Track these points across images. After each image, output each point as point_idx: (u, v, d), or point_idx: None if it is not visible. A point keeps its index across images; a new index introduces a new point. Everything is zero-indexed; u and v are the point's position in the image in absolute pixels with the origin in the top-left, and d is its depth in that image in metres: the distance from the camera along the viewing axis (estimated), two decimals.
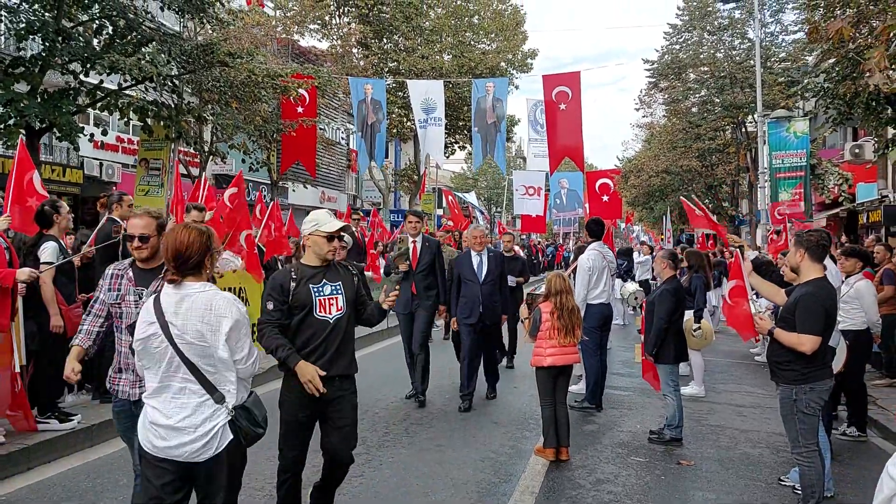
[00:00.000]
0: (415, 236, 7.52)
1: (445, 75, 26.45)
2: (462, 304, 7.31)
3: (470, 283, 7.28)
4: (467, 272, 7.34)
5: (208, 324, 2.83)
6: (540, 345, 5.71)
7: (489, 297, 7.30)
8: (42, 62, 13.96)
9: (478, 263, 7.35)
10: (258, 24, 22.04)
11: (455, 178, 52.26)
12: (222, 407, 2.86)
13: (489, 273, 7.32)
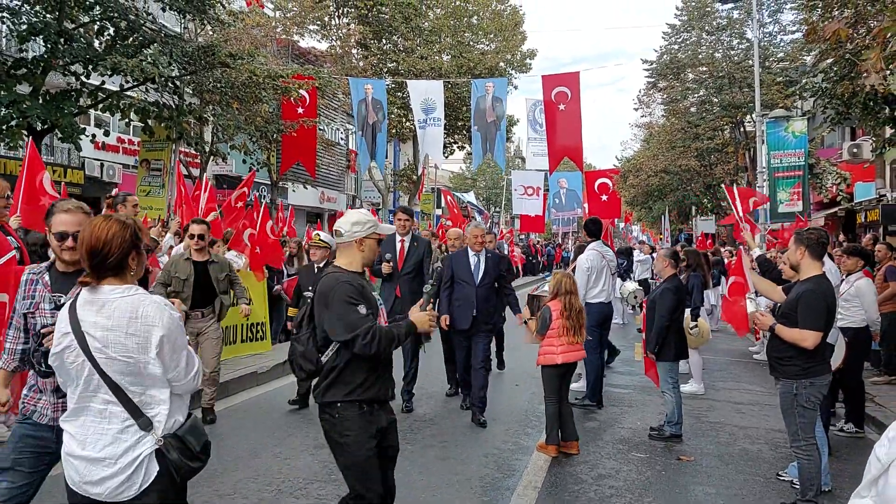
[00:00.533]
0: (403, 235, 7.11)
1: (445, 75, 26.53)
2: (455, 307, 6.75)
3: (464, 284, 6.74)
4: (463, 273, 6.79)
5: (135, 335, 2.36)
6: (550, 343, 5.76)
7: (485, 302, 6.74)
8: (44, 64, 14.03)
9: (475, 264, 6.82)
10: (258, 25, 22.10)
11: (454, 178, 52.35)
12: (149, 434, 2.39)
13: (486, 275, 6.75)
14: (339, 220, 3.50)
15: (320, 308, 3.29)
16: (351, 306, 3.21)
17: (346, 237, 3.38)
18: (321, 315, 3.29)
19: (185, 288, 6.23)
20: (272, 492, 4.75)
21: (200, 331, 6.37)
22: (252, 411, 7.00)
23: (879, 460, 2.33)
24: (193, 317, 6.30)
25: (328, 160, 31.34)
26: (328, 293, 3.26)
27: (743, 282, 5.97)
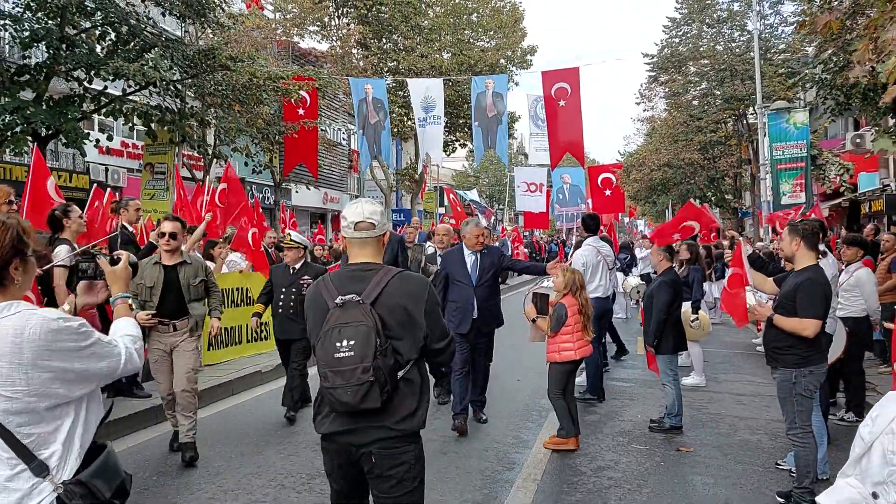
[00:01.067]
0: None
1: (445, 73, 26.57)
2: (451, 309, 6.23)
3: (461, 285, 6.26)
4: (458, 273, 6.31)
5: (20, 364, 1.86)
6: (566, 340, 5.76)
7: (485, 302, 6.32)
8: (47, 70, 14.15)
9: (472, 263, 6.35)
10: (258, 28, 22.19)
11: (456, 175, 52.40)
12: (44, 481, 1.91)
13: (484, 273, 6.31)
14: (354, 209, 2.82)
15: (413, 309, 2.68)
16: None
17: (379, 229, 2.81)
18: (415, 320, 2.68)
19: (151, 297, 5.28)
20: (275, 487, 4.83)
21: (173, 346, 5.38)
22: (256, 409, 7.08)
23: (863, 439, 2.39)
24: (162, 330, 5.34)
25: (330, 161, 31.43)
26: (422, 293, 2.71)
27: (742, 273, 6.00)
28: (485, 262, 6.36)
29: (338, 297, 2.62)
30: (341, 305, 2.60)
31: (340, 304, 2.60)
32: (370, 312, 2.57)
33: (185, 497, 4.65)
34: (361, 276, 2.73)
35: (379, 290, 2.64)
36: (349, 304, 2.60)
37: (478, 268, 6.36)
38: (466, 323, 6.23)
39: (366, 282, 2.68)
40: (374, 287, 2.65)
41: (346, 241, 2.87)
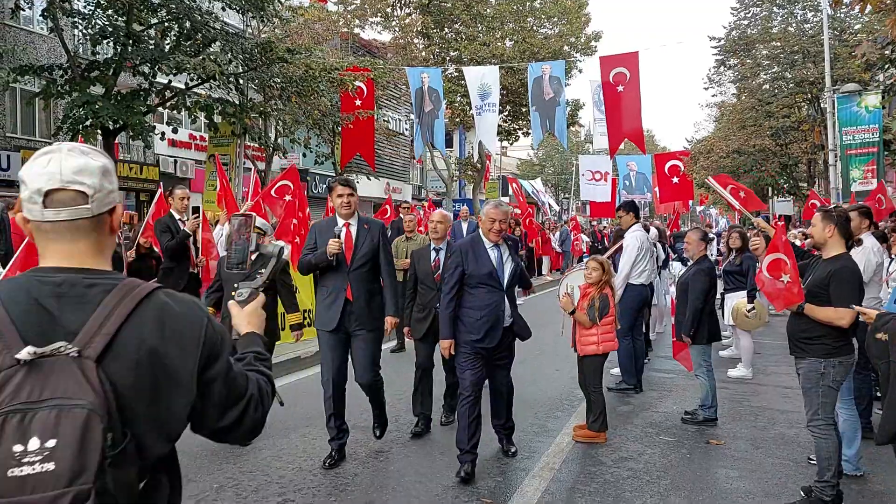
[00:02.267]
0: (347, 217, 5.05)
1: (507, 62, 26.35)
2: (472, 320, 4.80)
3: (486, 287, 4.82)
4: (482, 270, 4.83)
5: None
6: (606, 331, 5.68)
7: (515, 307, 5.03)
8: (115, 65, 14.74)
9: (497, 258, 4.88)
10: (319, 20, 22.51)
11: (521, 165, 52.01)
12: None
13: (514, 273, 4.97)
14: (43, 167, 1.46)
15: (177, 363, 1.52)
16: None
17: (97, 203, 1.50)
18: (176, 380, 1.50)
19: None
20: (293, 470, 4.93)
21: None
22: (290, 394, 7.23)
23: None
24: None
25: (391, 151, 31.71)
26: (196, 332, 1.55)
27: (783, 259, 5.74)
28: (512, 256, 4.98)
29: (20, 344, 1.32)
30: (29, 363, 1.30)
31: (28, 360, 1.30)
32: (94, 376, 1.33)
33: (203, 477, 4.79)
34: (74, 297, 1.44)
35: (112, 329, 1.40)
36: (49, 362, 1.31)
37: (506, 265, 4.92)
38: (495, 336, 4.82)
39: (83, 310, 1.42)
40: (100, 321, 1.40)
41: (31, 226, 1.51)
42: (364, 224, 5.14)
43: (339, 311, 4.94)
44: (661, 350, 9.64)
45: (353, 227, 5.05)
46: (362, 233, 5.07)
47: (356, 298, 4.96)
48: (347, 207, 5.02)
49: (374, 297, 5.08)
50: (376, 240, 5.09)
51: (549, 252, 21.07)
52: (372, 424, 5.45)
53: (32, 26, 19.38)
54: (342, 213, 5.03)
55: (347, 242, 4.97)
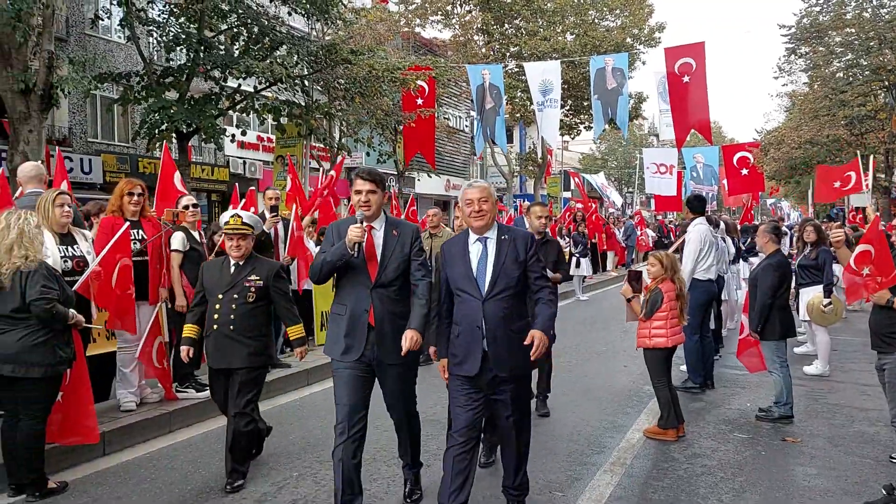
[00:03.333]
0: (370, 221, 3.93)
1: (568, 56, 26.13)
2: (452, 337, 3.85)
3: (463, 295, 3.78)
4: (457, 273, 3.83)
5: None
6: (659, 326, 5.61)
7: (504, 324, 3.73)
8: (188, 71, 15.29)
9: (477, 255, 3.84)
10: (381, 21, 22.80)
11: (583, 159, 51.44)
12: None
13: (502, 275, 3.75)
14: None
15: None
16: None
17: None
18: None
19: None
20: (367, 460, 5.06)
21: None
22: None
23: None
24: None
25: (452, 148, 31.84)
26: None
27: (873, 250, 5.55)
28: (501, 253, 3.77)
29: None
30: None
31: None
32: None
33: (283, 466, 4.98)
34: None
35: None
36: None
37: (488, 263, 3.76)
38: (473, 360, 3.71)
39: None
40: None
41: None
42: (393, 229, 3.97)
43: (363, 340, 3.84)
44: (732, 346, 9.40)
45: (378, 234, 3.93)
46: (390, 241, 3.93)
47: (380, 324, 3.84)
48: (367, 208, 3.85)
49: (404, 325, 3.85)
50: (408, 249, 3.95)
51: (614, 247, 20.83)
52: (402, 466, 4.42)
53: (110, 35, 20.25)
54: (365, 216, 3.85)
55: (369, 250, 3.87)
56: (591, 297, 15.53)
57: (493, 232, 3.80)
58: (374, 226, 3.93)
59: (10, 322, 4.02)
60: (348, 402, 3.84)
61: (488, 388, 3.76)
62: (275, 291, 4.60)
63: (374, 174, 3.90)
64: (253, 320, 4.50)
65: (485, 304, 3.68)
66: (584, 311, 13.58)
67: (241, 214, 4.58)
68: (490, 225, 3.81)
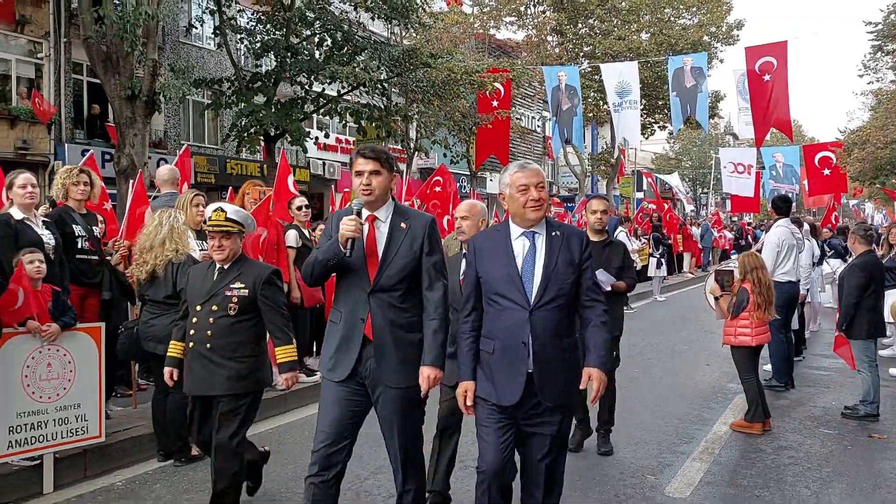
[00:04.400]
0: (372, 208, 3.26)
1: (643, 55, 25.96)
2: (485, 356, 3.10)
3: (503, 302, 3.05)
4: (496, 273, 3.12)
5: None
6: (745, 325, 5.81)
7: (556, 339, 3.05)
8: (275, 76, 16.07)
9: (526, 253, 3.10)
10: (456, 23, 23.22)
11: (656, 159, 50.71)
12: None
13: (552, 275, 3.05)
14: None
15: None
16: None
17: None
18: None
19: None
20: None
21: None
22: None
23: None
24: None
25: (524, 148, 31.99)
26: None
27: None
28: (553, 252, 3.06)
29: None
30: None
31: None
32: None
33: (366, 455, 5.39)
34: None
35: None
36: None
37: (536, 264, 3.05)
38: (514, 384, 3.00)
39: None
40: None
41: None
42: (401, 220, 3.24)
43: (355, 355, 3.15)
44: (816, 348, 9.46)
45: (382, 226, 3.23)
46: (397, 234, 3.21)
47: (379, 336, 3.15)
48: (368, 192, 3.14)
49: (409, 338, 3.20)
50: (418, 246, 3.19)
51: (691, 248, 20.66)
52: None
53: (202, 43, 21.32)
54: (365, 203, 3.18)
55: (370, 245, 3.19)
56: (668, 298, 15.55)
57: (542, 226, 3.09)
58: (377, 215, 3.22)
59: (163, 307, 4.56)
60: (329, 429, 3.15)
61: (525, 418, 3.01)
62: (263, 302, 3.78)
63: (378, 152, 3.20)
64: (236, 337, 3.73)
65: (533, 315, 2.96)
66: (662, 311, 13.65)
67: (224, 208, 3.80)
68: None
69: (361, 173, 3.16)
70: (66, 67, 16.94)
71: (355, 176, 3.19)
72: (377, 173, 3.16)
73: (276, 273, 3.97)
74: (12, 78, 16.31)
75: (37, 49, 16.75)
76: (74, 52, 16.70)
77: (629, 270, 5.15)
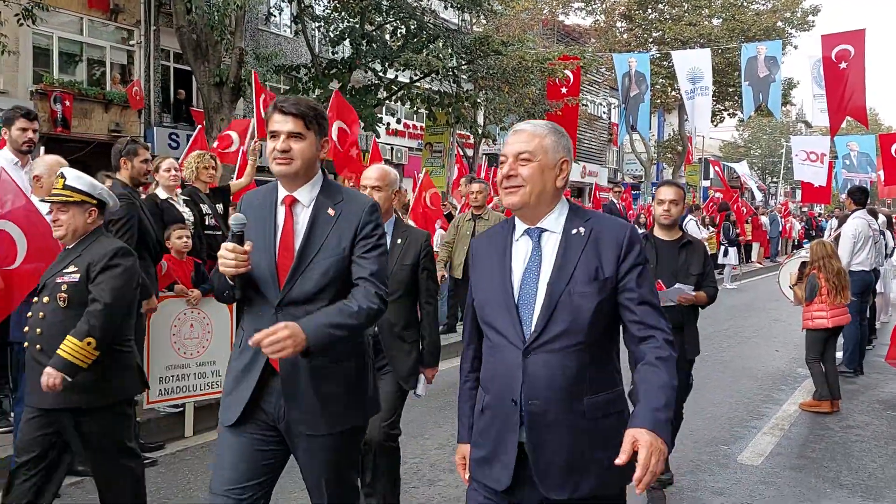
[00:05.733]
0: (290, 185, 2.38)
1: (714, 41, 25.63)
2: (477, 415, 2.16)
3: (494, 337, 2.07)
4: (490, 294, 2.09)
5: None
6: (820, 308, 6.11)
7: (563, 397, 1.96)
8: (350, 63, 16.64)
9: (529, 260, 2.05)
10: (525, 10, 23.39)
11: (724, 146, 49.74)
12: None
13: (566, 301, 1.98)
14: None
15: None
16: None
17: None
18: None
19: None
20: None
21: None
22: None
23: None
24: None
25: (590, 134, 31.96)
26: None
27: None
28: (569, 258, 2.00)
29: None
30: None
31: None
32: None
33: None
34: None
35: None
36: None
37: (540, 277, 2.02)
38: (503, 460, 2.02)
39: None
40: None
41: None
42: (329, 205, 2.37)
43: (249, 391, 2.30)
44: (886, 338, 9.46)
45: (303, 212, 2.36)
46: (321, 223, 2.35)
47: (287, 366, 2.28)
48: (284, 161, 2.28)
49: (334, 369, 2.35)
50: (349, 241, 2.33)
51: (760, 238, 20.50)
52: None
53: (279, 30, 22.10)
54: (275, 172, 2.32)
55: (285, 239, 2.33)
56: (738, 287, 15.61)
57: (557, 219, 2.05)
58: (297, 197, 2.34)
59: None
60: (228, 472, 2.30)
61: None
62: (95, 289, 2.93)
63: (302, 106, 2.29)
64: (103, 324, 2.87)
65: (529, 358, 1.96)
66: (732, 298, 13.74)
67: (65, 173, 3.00)
68: (544, 204, 2.04)
69: (277, 135, 2.27)
70: (154, 54, 17.88)
71: (270, 139, 2.29)
72: (299, 136, 2.27)
73: (119, 252, 3.01)
74: (107, 64, 17.31)
75: (129, 36, 17.73)
76: (163, 40, 17.64)
77: (711, 277, 4.07)
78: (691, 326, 4.09)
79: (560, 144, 2.05)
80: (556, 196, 2.05)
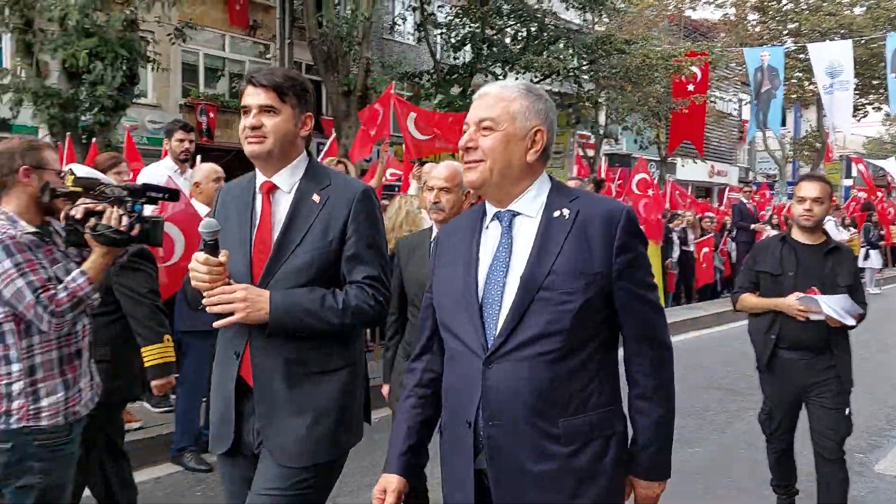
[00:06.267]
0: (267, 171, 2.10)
1: (856, 32, 23.97)
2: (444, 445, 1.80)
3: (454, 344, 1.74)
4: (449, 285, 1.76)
5: None
6: None
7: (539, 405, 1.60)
8: (471, 67, 16.94)
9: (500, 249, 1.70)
10: (649, 6, 22.86)
11: (868, 143, 46.27)
12: None
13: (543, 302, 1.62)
14: None
15: None
16: None
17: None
18: None
19: None
20: None
21: None
22: None
23: None
24: None
25: (719, 132, 30.72)
26: None
27: None
28: (549, 247, 1.63)
29: None
30: None
31: None
32: None
33: None
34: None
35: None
36: None
37: (510, 269, 1.67)
38: (463, 489, 1.68)
39: None
40: None
41: None
42: (314, 190, 2.08)
43: (232, 413, 2.04)
44: None
45: (283, 199, 2.10)
46: (303, 211, 2.06)
47: (263, 383, 2.01)
48: (256, 139, 2.01)
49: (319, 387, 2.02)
50: (337, 232, 2.03)
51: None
52: None
53: (402, 38, 22.79)
54: (247, 152, 2.05)
55: (262, 230, 2.07)
56: (882, 292, 14.58)
57: (534, 199, 1.72)
58: (276, 182, 2.08)
59: None
60: (230, 500, 2.14)
61: None
62: (118, 291, 3.00)
63: (276, 77, 2.02)
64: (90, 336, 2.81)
65: (490, 369, 1.63)
66: (877, 304, 12.82)
67: (74, 170, 2.58)
68: (510, 183, 1.71)
69: (248, 110, 2.01)
70: (289, 66, 18.95)
71: (243, 115, 2.04)
72: (272, 111, 2.00)
73: (139, 254, 3.00)
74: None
75: (265, 50, 18.90)
76: (296, 52, 18.66)
77: (861, 292, 3.48)
78: (842, 351, 3.38)
79: (533, 110, 1.69)
80: (528, 172, 1.69)
